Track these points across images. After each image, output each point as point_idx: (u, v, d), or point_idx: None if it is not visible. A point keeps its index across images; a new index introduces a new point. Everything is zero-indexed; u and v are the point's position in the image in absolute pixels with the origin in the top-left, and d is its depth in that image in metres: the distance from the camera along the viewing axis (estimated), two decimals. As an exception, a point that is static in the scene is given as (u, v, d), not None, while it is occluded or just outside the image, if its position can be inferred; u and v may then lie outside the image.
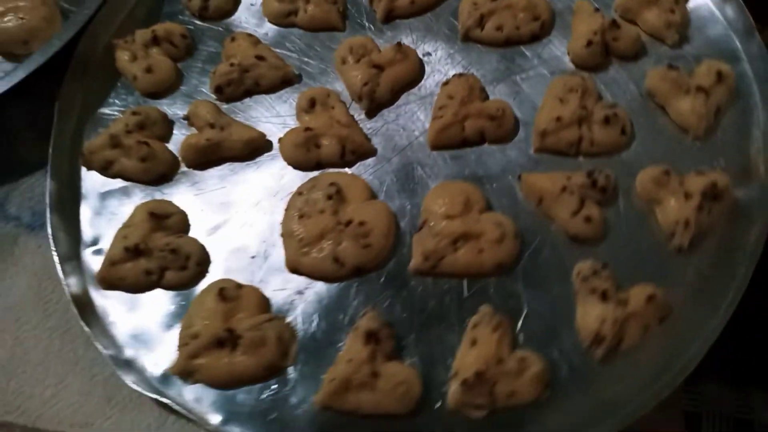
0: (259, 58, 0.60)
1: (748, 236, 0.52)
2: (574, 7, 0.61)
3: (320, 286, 0.53)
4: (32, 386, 0.53)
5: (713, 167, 0.54)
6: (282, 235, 0.55)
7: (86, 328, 0.51)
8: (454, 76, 0.59)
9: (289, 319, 0.52)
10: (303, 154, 0.57)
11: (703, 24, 0.61)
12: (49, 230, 0.55)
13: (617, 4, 0.62)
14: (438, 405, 0.48)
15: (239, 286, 0.52)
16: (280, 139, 0.58)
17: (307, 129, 0.57)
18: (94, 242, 0.57)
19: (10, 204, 0.62)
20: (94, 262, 0.55)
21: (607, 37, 0.59)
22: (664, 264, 0.52)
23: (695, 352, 0.48)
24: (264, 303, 0.52)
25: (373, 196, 0.56)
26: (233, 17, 0.66)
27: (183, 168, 0.59)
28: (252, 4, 0.66)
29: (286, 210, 0.55)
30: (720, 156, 0.55)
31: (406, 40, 0.62)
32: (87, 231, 0.57)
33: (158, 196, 0.58)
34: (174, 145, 0.60)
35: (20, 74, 0.60)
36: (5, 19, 0.64)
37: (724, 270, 0.51)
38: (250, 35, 0.63)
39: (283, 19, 0.64)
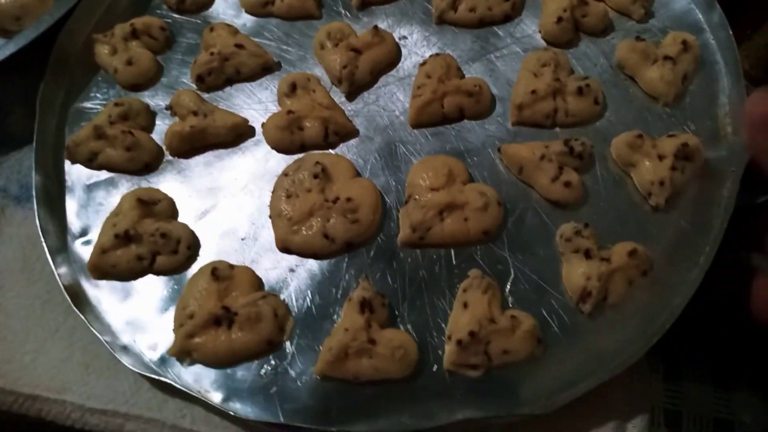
0: (239, 46, 0.61)
1: (721, 192, 0.54)
2: (545, -13, 0.64)
3: (311, 263, 0.54)
4: (12, 351, 0.54)
5: (684, 131, 0.57)
6: (270, 216, 0.55)
7: (82, 316, 0.51)
8: (431, 56, 0.61)
9: (282, 296, 0.53)
10: (287, 136, 0.58)
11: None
12: (38, 223, 0.55)
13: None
14: (435, 368, 0.49)
15: (231, 266, 0.52)
16: (263, 124, 0.59)
17: (290, 112, 0.58)
18: (83, 233, 0.57)
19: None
20: (83, 253, 0.56)
21: (576, 14, 0.61)
22: (643, 223, 0.54)
23: (678, 302, 0.49)
24: (257, 281, 0.53)
25: (358, 174, 0.57)
26: (210, 9, 0.67)
27: (168, 157, 0.59)
28: (229, -4, 0.68)
29: (273, 191, 0.56)
30: (689, 121, 0.58)
31: (382, 25, 0.64)
32: (75, 223, 0.57)
33: (144, 185, 0.58)
34: (157, 135, 0.60)
35: (11, 48, 0.60)
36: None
37: (701, 224, 0.53)
38: (228, 25, 0.64)
39: (261, 9, 0.66)
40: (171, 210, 0.56)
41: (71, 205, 0.58)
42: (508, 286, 0.52)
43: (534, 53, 0.60)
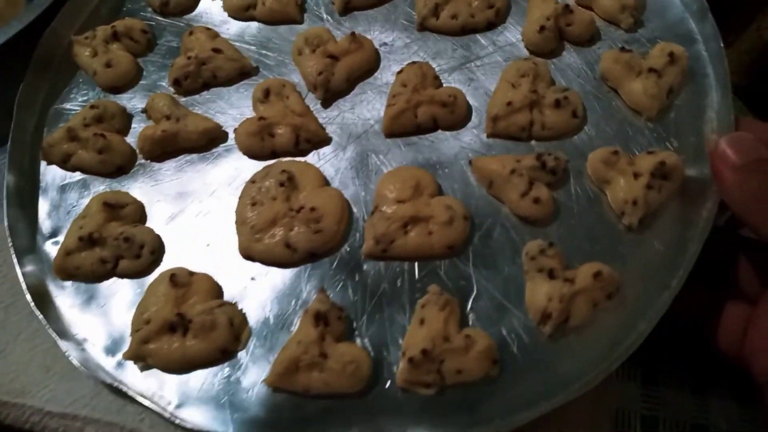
0: (216, 50, 0.61)
1: (700, 212, 0.51)
2: (530, -6, 0.62)
3: (274, 272, 0.53)
4: (-27, 354, 0.54)
5: (666, 148, 0.55)
6: (236, 222, 0.55)
7: (40, 316, 0.52)
8: (407, 64, 0.60)
9: (242, 305, 0.52)
10: (257, 143, 0.58)
11: (659, 7, 0.61)
12: (6, 222, 0.56)
13: (573, -11, 0.62)
14: (388, 384, 0.48)
15: (191, 273, 0.52)
16: (235, 130, 0.59)
17: (261, 118, 0.57)
18: (53, 234, 0.57)
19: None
20: (52, 253, 0.56)
21: (561, 23, 0.59)
22: (615, 243, 0.52)
23: (644, 327, 0.47)
24: (216, 289, 0.52)
25: (327, 183, 0.56)
26: (195, 12, 0.67)
27: (141, 160, 0.60)
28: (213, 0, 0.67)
29: (240, 198, 0.56)
30: (673, 137, 0.55)
31: (365, 32, 0.63)
32: (46, 223, 0.58)
33: (116, 187, 0.59)
34: (133, 138, 0.60)
35: None
36: (-34, 1, 0.66)
37: (676, 246, 0.51)
38: (208, 29, 0.64)
39: (243, 13, 0.65)
40: (138, 214, 0.56)
41: (44, 206, 0.59)
42: (470, 303, 0.51)
43: (514, 63, 0.59)
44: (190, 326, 0.49)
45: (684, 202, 0.53)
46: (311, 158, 0.58)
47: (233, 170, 0.58)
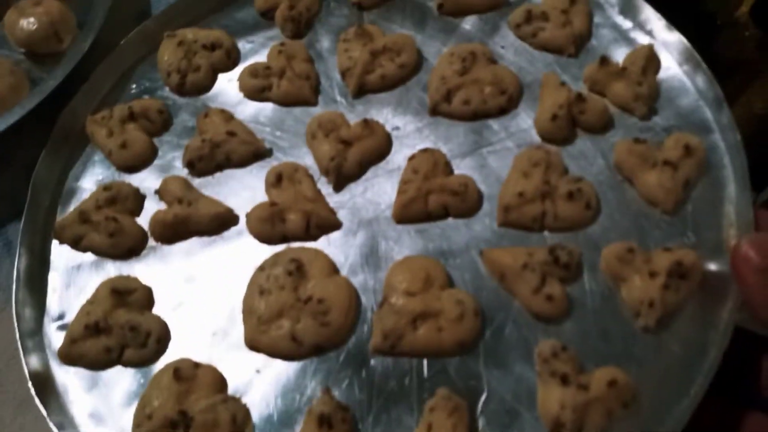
0: (230, 133, 0.61)
1: (721, 313, 0.50)
2: (542, 80, 0.62)
3: (279, 365, 0.52)
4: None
5: (683, 242, 0.53)
6: (243, 311, 0.54)
7: (41, 408, 0.51)
8: (419, 150, 0.59)
9: (246, 399, 0.51)
10: (268, 228, 0.57)
11: (673, 95, 0.61)
12: (14, 307, 0.56)
13: (585, 76, 0.62)
14: (392, 494, 0.46)
15: (196, 365, 0.52)
16: (247, 214, 0.59)
17: (273, 204, 0.57)
18: (61, 317, 0.57)
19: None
20: (58, 336, 0.56)
21: (574, 111, 0.59)
22: (630, 344, 0.50)
23: (662, 439, 0.46)
24: (221, 382, 0.52)
25: (336, 271, 0.56)
26: (211, 92, 0.68)
27: (152, 242, 0.60)
28: (229, 80, 0.68)
29: (248, 286, 0.55)
30: (690, 231, 0.54)
31: (377, 114, 0.63)
32: (54, 305, 0.58)
33: (126, 270, 0.58)
34: (145, 219, 0.61)
35: None
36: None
37: (695, 350, 0.49)
38: (223, 111, 0.64)
39: (258, 95, 0.66)
40: (146, 299, 0.56)
41: (54, 286, 0.59)
42: (480, 405, 0.49)
43: (526, 151, 0.58)
44: (191, 423, 0.48)
45: (703, 301, 0.51)
46: (321, 243, 0.58)
47: (244, 255, 0.58)
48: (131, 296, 0.55)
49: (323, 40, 0.69)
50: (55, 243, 0.61)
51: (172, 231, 0.58)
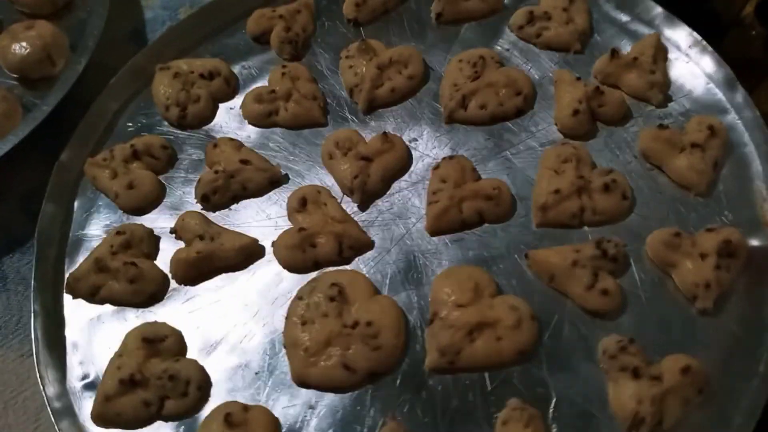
0: (244, 162, 0.59)
1: (770, 288, 0.50)
2: (554, 78, 0.61)
3: (332, 398, 0.49)
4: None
5: (722, 222, 0.53)
6: (285, 345, 0.51)
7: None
8: (444, 159, 0.58)
9: (303, 438, 0.48)
10: (299, 255, 0.55)
11: (683, 80, 0.61)
12: (36, 369, 0.51)
13: (596, 70, 0.62)
14: None
15: (246, 408, 0.48)
16: (273, 243, 0.56)
17: (301, 229, 0.55)
18: (86, 375, 0.53)
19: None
20: (87, 397, 0.52)
21: (593, 104, 0.58)
22: (690, 329, 0.49)
23: (740, 421, 0.45)
24: (274, 423, 0.48)
25: (377, 291, 0.53)
26: (213, 123, 0.65)
27: (173, 285, 0.56)
28: (231, 108, 0.66)
29: (287, 317, 0.52)
30: (726, 210, 0.54)
31: (390, 128, 0.62)
32: (76, 363, 0.53)
33: (151, 316, 0.55)
34: (161, 260, 0.57)
35: None
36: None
37: (754, 328, 0.49)
38: (232, 139, 0.61)
39: (265, 120, 0.63)
40: (179, 346, 0.52)
41: (73, 343, 0.54)
42: (551, 412, 0.47)
43: (553, 149, 0.57)
44: (253, 471, 0.45)
45: (750, 278, 0.51)
46: (355, 265, 0.55)
47: (274, 286, 0.55)
48: (163, 343, 0.51)
49: (322, 59, 0.67)
50: (68, 297, 0.56)
51: (196, 270, 0.55)
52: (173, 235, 0.58)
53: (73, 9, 0.75)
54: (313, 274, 0.55)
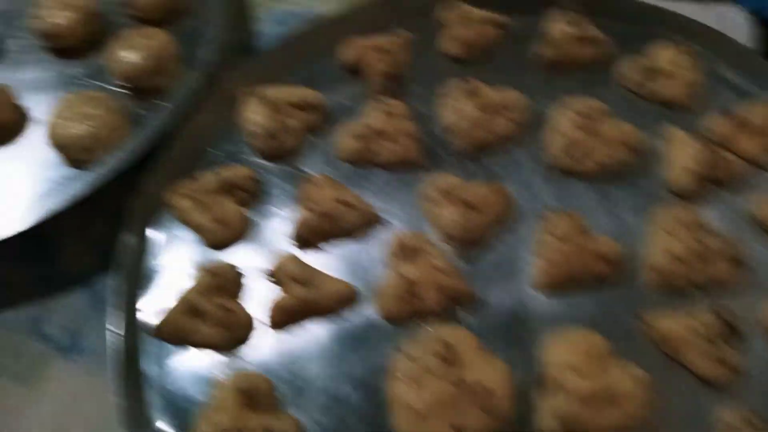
0: (341, 202, 0.56)
1: None
2: (667, 136, 0.60)
3: (440, 464, 0.46)
4: None
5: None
6: (391, 403, 0.48)
7: None
8: (553, 213, 0.55)
9: (415, 508, 0.45)
10: (403, 306, 0.52)
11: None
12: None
13: (710, 130, 0.60)
14: None
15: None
16: (378, 292, 0.53)
17: (406, 279, 0.52)
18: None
19: (46, 322, 0.59)
20: (173, 451, 0.48)
21: (709, 167, 0.56)
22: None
23: None
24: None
25: (483, 350, 0.50)
26: (302, 156, 0.62)
27: (256, 324, 0.53)
28: (321, 142, 0.62)
29: (393, 374, 0.49)
30: None
31: (492, 174, 0.59)
32: (159, 413, 0.50)
33: (240, 364, 0.51)
34: (245, 301, 0.54)
35: (78, 187, 0.57)
36: (72, 124, 0.61)
37: None
38: (327, 177, 0.58)
39: (360, 158, 0.60)
40: (274, 397, 0.49)
41: (154, 399, 0.51)
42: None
43: (668, 211, 0.55)
44: None
45: None
46: (456, 317, 0.52)
47: (368, 336, 0.52)
48: (258, 395, 0.48)
49: (416, 96, 0.64)
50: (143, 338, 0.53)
51: (294, 317, 0.52)
52: (267, 277, 0.54)
53: (186, 17, 0.71)
54: (415, 328, 0.52)
